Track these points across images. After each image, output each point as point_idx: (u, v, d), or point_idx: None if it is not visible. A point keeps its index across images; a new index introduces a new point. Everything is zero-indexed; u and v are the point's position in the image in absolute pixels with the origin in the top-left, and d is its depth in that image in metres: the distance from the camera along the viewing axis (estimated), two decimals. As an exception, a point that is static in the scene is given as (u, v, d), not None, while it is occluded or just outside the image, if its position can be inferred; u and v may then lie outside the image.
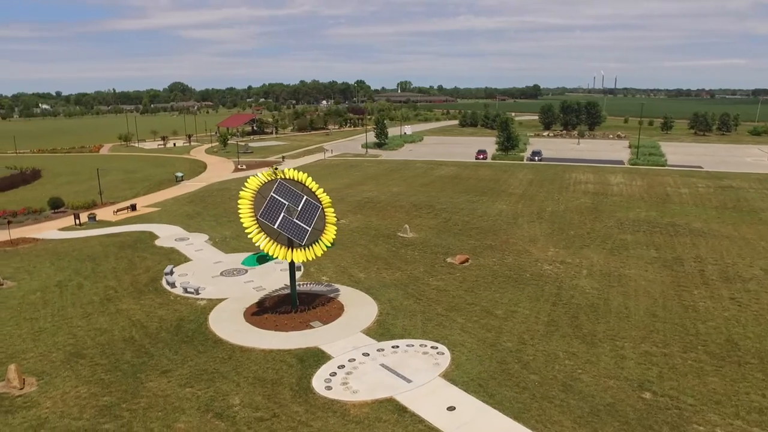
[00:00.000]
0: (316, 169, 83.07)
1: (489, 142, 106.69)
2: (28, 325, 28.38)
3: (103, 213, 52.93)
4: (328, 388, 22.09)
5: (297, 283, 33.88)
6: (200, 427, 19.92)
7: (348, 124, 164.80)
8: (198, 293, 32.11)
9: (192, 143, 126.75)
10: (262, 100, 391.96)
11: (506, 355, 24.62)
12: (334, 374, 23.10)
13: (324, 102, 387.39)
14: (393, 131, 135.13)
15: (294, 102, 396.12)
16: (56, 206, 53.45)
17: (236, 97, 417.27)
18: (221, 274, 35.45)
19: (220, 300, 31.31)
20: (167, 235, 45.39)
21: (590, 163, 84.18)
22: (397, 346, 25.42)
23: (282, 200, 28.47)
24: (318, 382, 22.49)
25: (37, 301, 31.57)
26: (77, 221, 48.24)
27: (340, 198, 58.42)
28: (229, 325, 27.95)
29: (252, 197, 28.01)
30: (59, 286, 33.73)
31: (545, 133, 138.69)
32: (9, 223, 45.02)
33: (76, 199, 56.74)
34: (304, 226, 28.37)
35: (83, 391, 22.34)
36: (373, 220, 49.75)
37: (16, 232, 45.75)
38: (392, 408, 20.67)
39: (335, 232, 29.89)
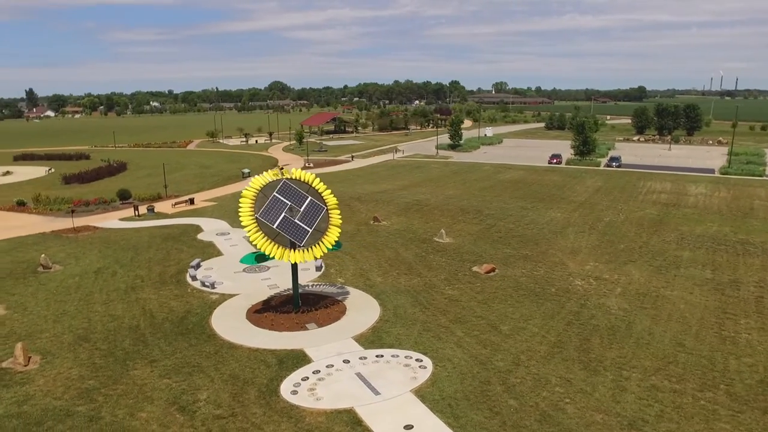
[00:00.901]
0: (379, 169, 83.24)
1: (569, 147, 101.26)
2: (55, 307, 30.60)
3: (164, 206, 56.24)
4: (294, 392, 21.75)
5: (312, 284, 34.01)
6: (160, 418, 20.34)
7: (430, 125, 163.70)
8: (213, 287, 33.04)
9: (273, 140, 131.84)
10: (355, 99, 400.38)
11: (493, 375, 22.97)
12: (306, 379, 22.73)
13: (416, 102, 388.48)
14: (474, 133, 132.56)
15: (387, 102, 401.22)
16: (124, 197, 57.52)
17: (331, 96, 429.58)
18: (244, 270, 36.26)
19: (232, 296, 32.00)
20: (211, 229, 47.30)
21: (674, 171, 77.30)
22: (381, 356, 24.56)
23: (285, 200, 28.51)
24: (287, 386, 22.22)
25: (72, 285, 33.99)
26: (136, 212, 51.59)
27: (390, 199, 58.00)
28: (228, 321, 28.45)
29: (254, 196, 28.31)
30: (96, 273, 36.13)
31: (636, 138, 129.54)
32: (72, 212, 49.06)
33: (145, 192, 60.74)
34: (305, 227, 28.23)
35: (74, 373, 23.63)
36: (415, 223, 48.81)
37: (84, 221, 49.76)
38: (348, 420, 19.93)
39: (338, 234, 29.48)
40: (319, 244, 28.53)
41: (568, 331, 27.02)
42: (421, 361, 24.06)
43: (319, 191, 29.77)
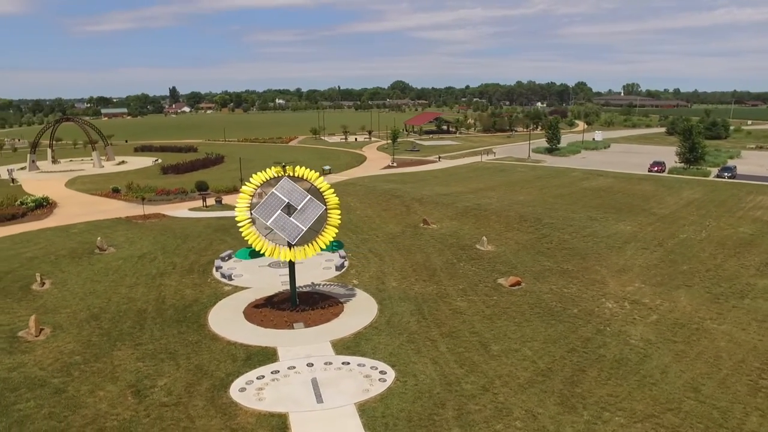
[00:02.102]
0: (461, 171, 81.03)
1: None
2: (88, 286, 33.38)
3: (234, 198, 59.20)
4: (243, 390, 21.66)
5: (325, 283, 33.80)
6: (113, 398, 21.30)
7: (539, 127, 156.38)
8: (231, 279, 34.06)
9: (372, 139, 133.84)
10: (475, 99, 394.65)
11: (452, 399, 21.12)
12: (261, 378, 22.55)
13: (538, 104, 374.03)
14: (585, 136, 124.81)
15: (507, 103, 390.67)
16: (201, 188, 61.45)
17: (451, 96, 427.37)
18: (269, 265, 36.94)
19: (244, 288, 32.77)
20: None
21: (803, 186, 66.27)
22: (348, 363, 23.69)
23: (283, 198, 28.53)
24: (239, 382, 22.20)
25: (113, 267, 36.89)
26: (204, 203, 54.86)
27: (452, 202, 56.13)
28: (225, 313, 29.14)
29: (253, 192, 28.66)
30: (140, 257, 38.89)
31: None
32: (143, 199, 53.33)
33: (224, 184, 64.44)
34: (300, 225, 28.03)
35: (69, 347, 25.55)
36: (465, 228, 46.74)
37: (157, 209, 53.96)
38: (276, 425, 19.41)
39: (334, 234, 28.89)
40: (312, 243, 28.21)
41: (566, 359, 24.12)
42: (385, 373, 22.82)
43: (321, 190, 29.40)
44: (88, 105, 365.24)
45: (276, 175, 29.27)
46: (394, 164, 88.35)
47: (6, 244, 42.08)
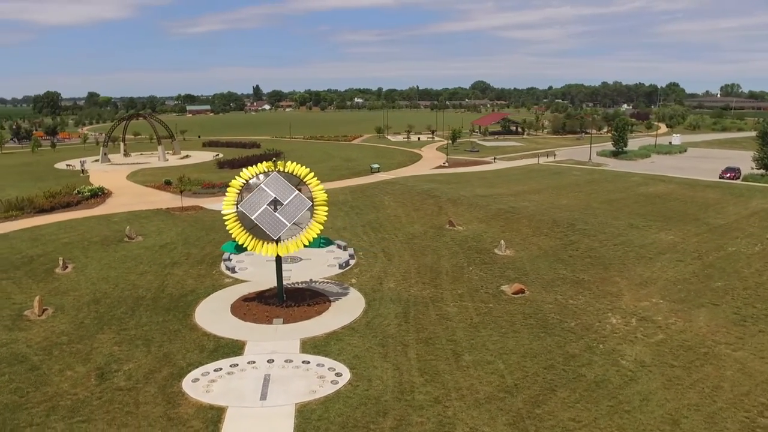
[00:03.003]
0: (513, 172, 78.17)
1: None
2: (103, 272, 35.14)
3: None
4: (195, 380, 21.88)
5: (324, 280, 33.57)
6: (77, 378, 22.20)
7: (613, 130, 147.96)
8: (233, 272, 34.63)
9: (435, 138, 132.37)
10: (556, 100, 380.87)
11: (399, 408, 20.16)
12: (218, 370, 22.67)
13: (624, 105, 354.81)
14: (661, 140, 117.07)
15: (590, 104, 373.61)
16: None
17: (532, 97, 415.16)
18: (277, 259, 37.17)
19: (243, 282, 33.23)
20: (290, 218, 49.48)
21: None
22: (308, 362, 23.30)
23: (270, 192, 28.56)
24: (195, 373, 22.44)
25: (134, 255, 38.64)
26: (241, 197, 56.30)
27: (487, 204, 54.17)
28: (214, 305, 29.64)
29: (241, 186, 28.91)
30: (161, 247, 40.50)
31: None
32: (182, 192, 55.45)
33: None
34: (284, 220, 27.94)
35: (61, 328, 26.97)
36: (490, 230, 44.91)
37: (197, 201, 56.10)
38: (210, 418, 19.40)
39: (319, 231, 28.51)
40: (295, 239, 28.03)
41: (539, 376, 22.37)
42: (340, 375, 22.20)
43: (310, 186, 29.16)
44: (176, 102, 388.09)
45: (266, 170, 29.37)
46: (446, 164, 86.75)
47: (51, 230, 45.28)
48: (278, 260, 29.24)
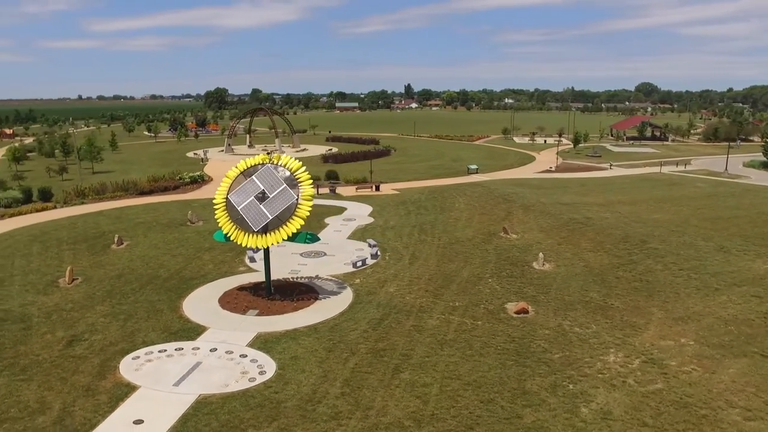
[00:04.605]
0: (623, 181, 70.33)
1: None
2: (147, 252, 38.40)
3: (349, 189, 61.28)
4: (136, 358, 23.03)
5: (329, 277, 33.23)
6: (48, 342, 24.58)
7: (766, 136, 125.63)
8: (252, 261, 35.75)
9: (563, 141, 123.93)
10: (734, 104, 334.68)
11: (288, 419, 19.14)
12: (162, 351, 23.61)
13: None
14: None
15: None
16: (330, 178, 64.95)
17: (705, 100, 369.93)
18: (301, 254, 37.57)
19: (254, 271, 34.10)
20: (348, 215, 49.82)
21: None
22: (245, 356, 23.24)
23: (260, 185, 28.89)
24: (139, 351, 23.59)
25: (182, 238, 41.73)
26: (317, 192, 57.91)
27: (561, 213, 49.32)
28: (209, 291, 30.83)
29: (236, 176, 29.61)
30: (210, 232, 42.95)
31: None
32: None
33: (354, 176, 67.04)
34: (267, 213, 28.08)
35: (76, 297, 30.06)
36: (545, 241, 40.85)
37: (276, 191, 58.81)
38: (119, 395, 20.29)
39: (299, 227, 28.12)
40: (275, 232, 28.00)
41: (467, 409, 19.72)
42: (263, 374, 21.76)
43: (299, 181, 28.91)
44: (327, 99, 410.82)
45: (261, 162, 29.76)
46: (552, 168, 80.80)
47: (136, 211, 50.75)
48: (266, 253, 29.50)
